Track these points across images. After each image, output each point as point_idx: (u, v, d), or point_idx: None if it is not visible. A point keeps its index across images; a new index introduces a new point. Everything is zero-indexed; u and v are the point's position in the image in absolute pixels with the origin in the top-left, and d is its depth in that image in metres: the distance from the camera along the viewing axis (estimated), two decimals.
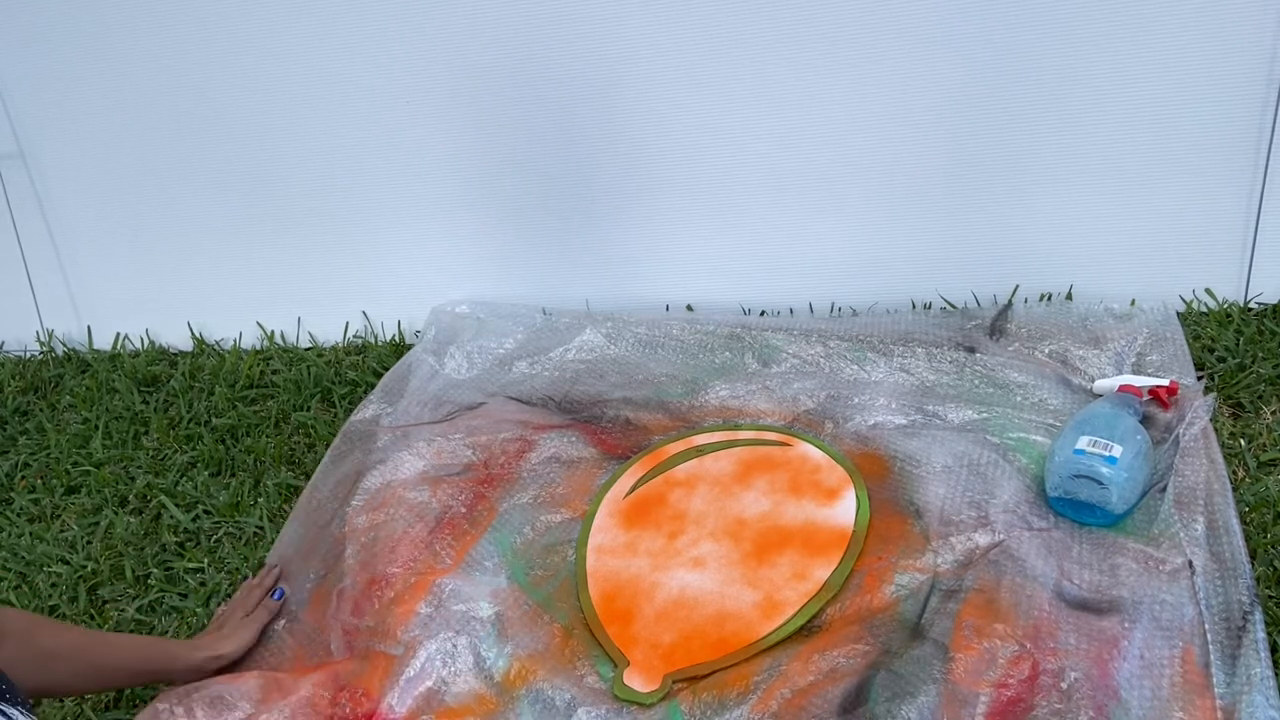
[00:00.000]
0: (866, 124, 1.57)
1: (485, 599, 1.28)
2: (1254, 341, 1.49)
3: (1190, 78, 1.45)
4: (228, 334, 1.89)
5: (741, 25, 1.52)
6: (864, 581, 1.23)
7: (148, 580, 1.44)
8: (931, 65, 1.51)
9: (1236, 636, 1.09)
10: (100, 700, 1.29)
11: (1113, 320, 1.55)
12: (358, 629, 1.27)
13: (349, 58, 1.64)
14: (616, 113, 1.62)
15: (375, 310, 1.85)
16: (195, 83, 1.69)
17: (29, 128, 1.78)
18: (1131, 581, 1.16)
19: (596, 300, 1.78)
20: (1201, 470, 1.26)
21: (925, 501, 1.30)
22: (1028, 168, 1.56)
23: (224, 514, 1.51)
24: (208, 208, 1.80)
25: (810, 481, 1.37)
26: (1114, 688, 1.06)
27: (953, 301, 1.66)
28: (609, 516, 1.38)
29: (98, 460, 1.65)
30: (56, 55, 1.70)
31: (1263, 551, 1.20)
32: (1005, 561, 1.20)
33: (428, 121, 1.67)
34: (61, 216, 1.85)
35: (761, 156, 1.62)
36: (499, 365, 1.69)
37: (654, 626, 1.23)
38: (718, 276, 1.74)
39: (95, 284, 1.90)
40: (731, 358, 1.62)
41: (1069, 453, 1.24)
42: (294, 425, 1.66)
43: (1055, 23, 1.45)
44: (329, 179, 1.75)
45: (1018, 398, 1.44)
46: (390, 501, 1.42)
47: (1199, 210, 1.54)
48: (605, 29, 1.55)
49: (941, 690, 1.07)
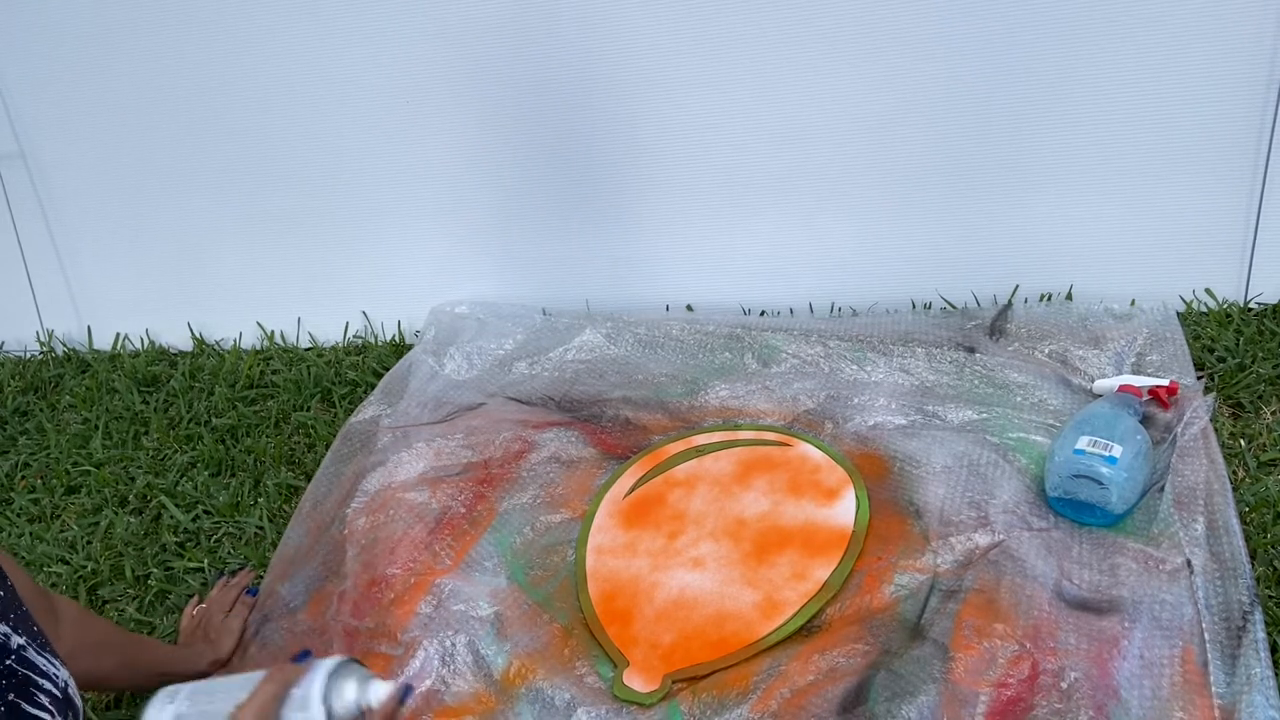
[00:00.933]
0: (867, 124, 1.57)
1: (485, 599, 1.28)
2: (1254, 341, 1.49)
3: (1190, 78, 1.45)
4: (228, 334, 1.89)
5: (742, 25, 1.52)
6: (864, 581, 1.23)
7: (148, 580, 1.44)
8: (932, 65, 1.51)
9: (1236, 636, 1.09)
10: (101, 700, 1.29)
11: (1113, 320, 1.55)
12: (358, 630, 1.27)
13: (349, 58, 1.64)
14: (617, 113, 1.62)
15: (375, 310, 1.85)
16: (195, 83, 1.69)
17: (29, 127, 1.78)
18: (1131, 581, 1.16)
19: (596, 300, 1.78)
20: (1201, 470, 1.26)
21: (925, 501, 1.30)
22: (1028, 168, 1.56)
23: (224, 514, 1.51)
24: (208, 208, 1.80)
25: (810, 482, 1.37)
26: (1114, 687, 1.06)
27: (953, 301, 1.66)
28: (609, 516, 1.38)
29: (98, 460, 1.65)
30: (57, 55, 1.70)
31: (1263, 551, 1.20)
32: (1005, 561, 1.20)
33: (428, 121, 1.67)
34: (61, 216, 1.85)
35: (762, 156, 1.62)
36: (499, 366, 1.69)
37: (654, 626, 1.23)
38: (718, 276, 1.74)
39: (95, 284, 1.91)
40: (731, 358, 1.62)
41: (1069, 453, 1.24)
42: (294, 425, 1.66)
43: (1055, 23, 1.45)
44: (329, 179, 1.75)
45: (1018, 398, 1.44)
46: (390, 502, 1.42)
47: (1199, 210, 1.54)
48: (605, 29, 1.55)
49: (941, 690, 1.07)
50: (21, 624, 0.90)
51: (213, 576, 1.42)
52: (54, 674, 0.90)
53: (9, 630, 0.88)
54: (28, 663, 0.88)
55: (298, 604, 1.33)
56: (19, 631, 0.89)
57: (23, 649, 0.88)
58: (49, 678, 0.90)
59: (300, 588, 1.35)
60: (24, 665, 0.88)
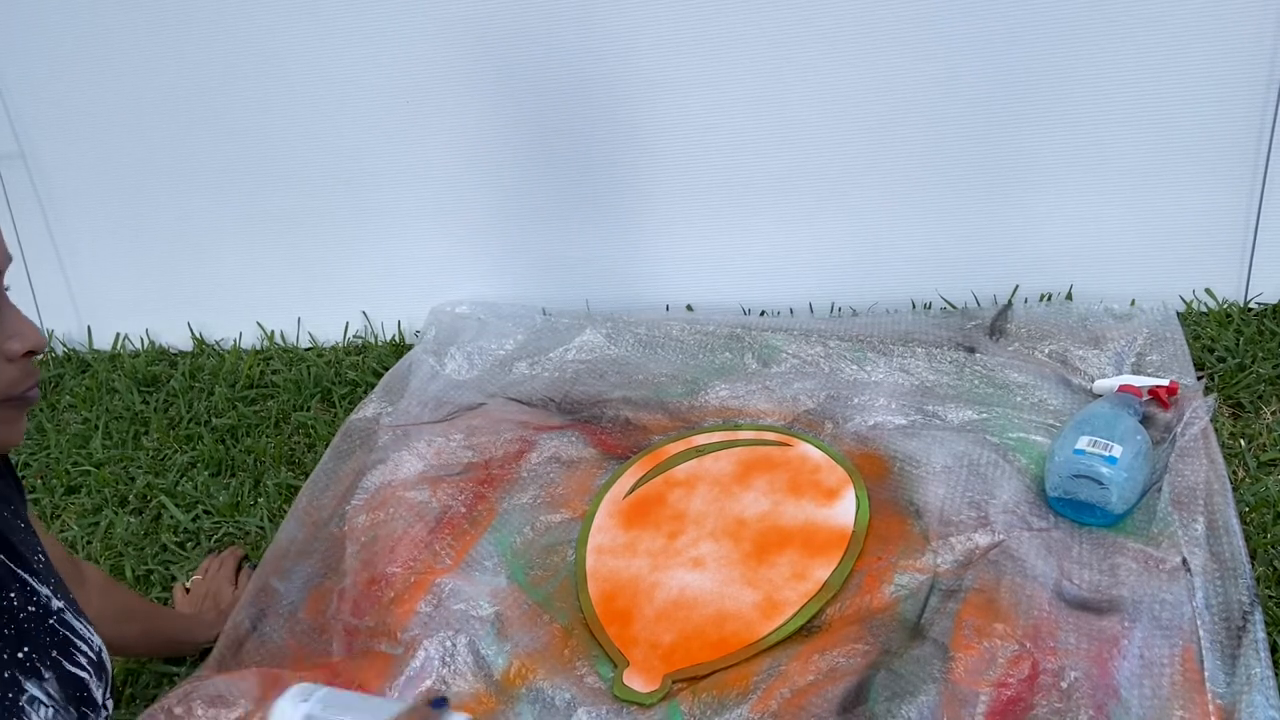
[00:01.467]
0: (867, 124, 1.57)
1: (485, 598, 1.28)
2: (1254, 341, 1.49)
3: (1190, 78, 1.45)
4: (228, 334, 1.89)
5: (742, 25, 1.52)
6: (864, 581, 1.23)
7: (148, 580, 1.44)
8: (932, 65, 1.51)
9: (1236, 636, 1.09)
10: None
11: (1113, 320, 1.55)
12: (357, 629, 1.27)
13: (349, 58, 1.64)
14: (617, 113, 1.62)
15: (375, 310, 1.85)
16: (195, 83, 1.69)
17: (29, 127, 1.78)
18: (1131, 581, 1.16)
19: (596, 300, 1.78)
20: (1201, 470, 1.26)
21: (925, 501, 1.30)
22: (1028, 168, 1.56)
23: (224, 514, 1.51)
24: (208, 207, 1.80)
25: (810, 481, 1.37)
26: (1114, 687, 1.06)
27: (953, 301, 1.66)
28: (609, 516, 1.38)
29: (98, 460, 1.65)
30: (57, 55, 1.70)
31: (1263, 551, 1.20)
32: (1005, 561, 1.20)
33: (428, 121, 1.67)
34: (61, 216, 1.85)
35: (761, 156, 1.62)
36: (499, 366, 1.69)
37: (654, 626, 1.23)
38: (718, 276, 1.74)
39: (95, 284, 1.90)
40: (731, 358, 1.62)
41: (1069, 453, 1.24)
42: (294, 425, 1.66)
43: (1055, 23, 1.45)
44: (329, 179, 1.75)
45: (1018, 398, 1.44)
46: (390, 501, 1.42)
47: (1199, 210, 1.54)
48: (605, 29, 1.55)
49: (941, 689, 1.07)
50: (60, 589, 0.93)
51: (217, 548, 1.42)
52: (89, 638, 0.93)
53: (50, 593, 0.90)
54: (67, 625, 0.91)
55: (296, 602, 1.33)
56: (58, 596, 0.92)
57: (62, 612, 0.91)
58: (85, 640, 0.92)
59: (298, 584, 1.35)
60: (64, 627, 0.90)
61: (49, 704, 0.85)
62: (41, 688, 0.85)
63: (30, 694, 0.84)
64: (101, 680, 0.93)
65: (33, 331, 0.80)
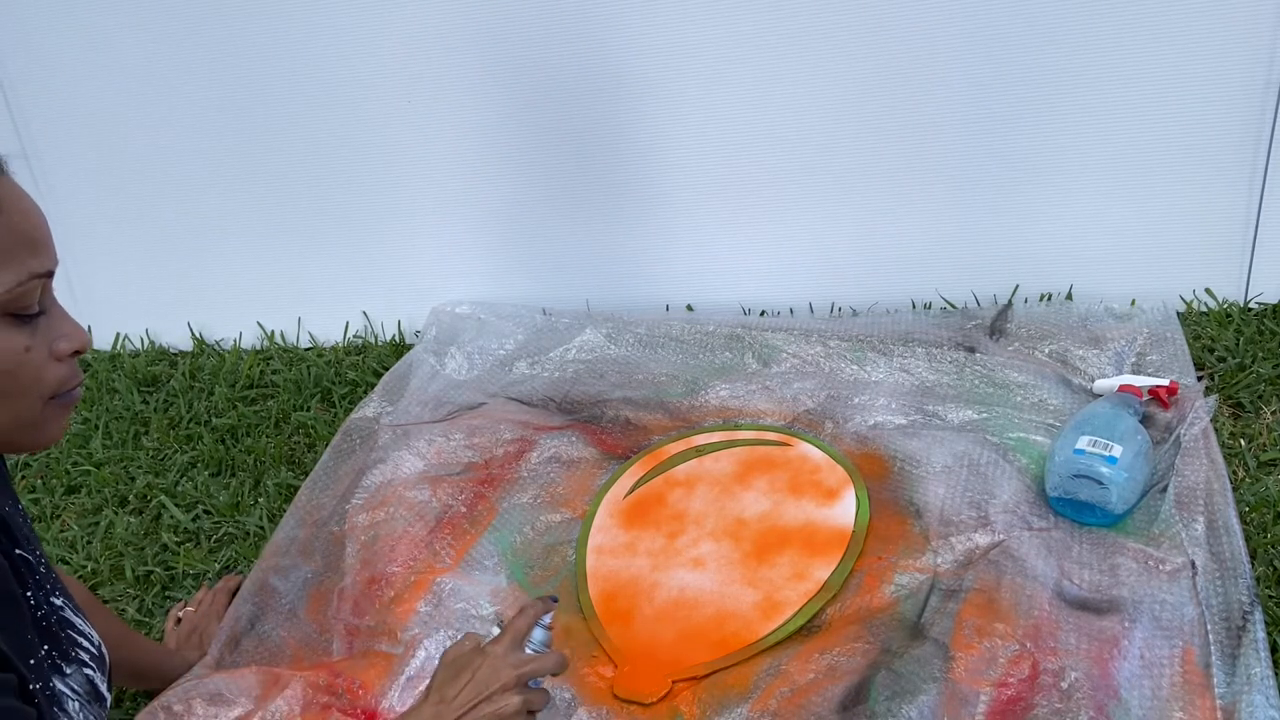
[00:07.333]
0: (867, 124, 1.57)
1: (485, 598, 1.28)
2: (1254, 341, 1.49)
3: (1190, 78, 1.46)
4: (228, 334, 1.89)
5: (743, 26, 1.52)
6: (864, 581, 1.23)
7: (148, 580, 1.44)
8: (933, 66, 1.51)
9: (1236, 636, 1.09)
10: None
11: (1113, 320, 1.55)
12: (358, 628, 1.27)
13: (349, 58, 1.64)
14: (617, 113, 1.62)
15: (375, 310, 1.85)
16: (196, 84, 1.69)
17: (31, 127, 1.78)
18: (1131, 581, 1.16)
19: (596, 300, 1.78)
20: (1201, 470, 1.26)
21: (925, 501, 1.30)
22: (1028, 168, 1.56)
23: (224, 514, 1.51)
24: (208, 208, 1.80)
25: (810, 481, 1.37)
26: (1114, 687, 1.06)
27: (953, 301, 1.66)
28: (609, 516, 1.38)
29: (98, 460, 1.65)
30: (59, 55, 1.70)
31: (1263, 551, 1.20)
32: (1005, 561, 1.20)
33: (428, 122, 1.67)
34: (63, 216, 1.85)
35: (761, 156, 1.62)
36: (499, 366, 1.69)
37: (654, 626, 1.23)
38: (718, 276, 1.74)
39: (95, 284, 1.90)
40: (731, 358, 1.63)
41: (1069, 453, 1.24)
42: (294, 425, 1.66)
43: (1055, 23, 1.45)
44: (329, 179, 1.75)
45: (1018, 398, 1.44)
46: (390, 500, 1.42)
47: (1199, 210, 1.54)
48: (606, 29, 1.55)
49: (942, 689, 1.07)
50: (58, 587, 0.94)
51: (213, 577, 1.42)
52: (88, 633, 0.94)
53: (49, 589, 0.92)
54: (67, 622, 0.92)
55: (296, 601, 1.33)
56: (57, 594, 0.92)
57: (61, 609, 0.92)
58: (86, 636, 0.93)
59: (297, 583, 1.35)
60: (67, 625, 0.91)
61: (74, 697, 0.86)
62: (65, 683, 0.86)
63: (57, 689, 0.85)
64: (103, 673, 0.93)
65: (79, 332, 0.82)
